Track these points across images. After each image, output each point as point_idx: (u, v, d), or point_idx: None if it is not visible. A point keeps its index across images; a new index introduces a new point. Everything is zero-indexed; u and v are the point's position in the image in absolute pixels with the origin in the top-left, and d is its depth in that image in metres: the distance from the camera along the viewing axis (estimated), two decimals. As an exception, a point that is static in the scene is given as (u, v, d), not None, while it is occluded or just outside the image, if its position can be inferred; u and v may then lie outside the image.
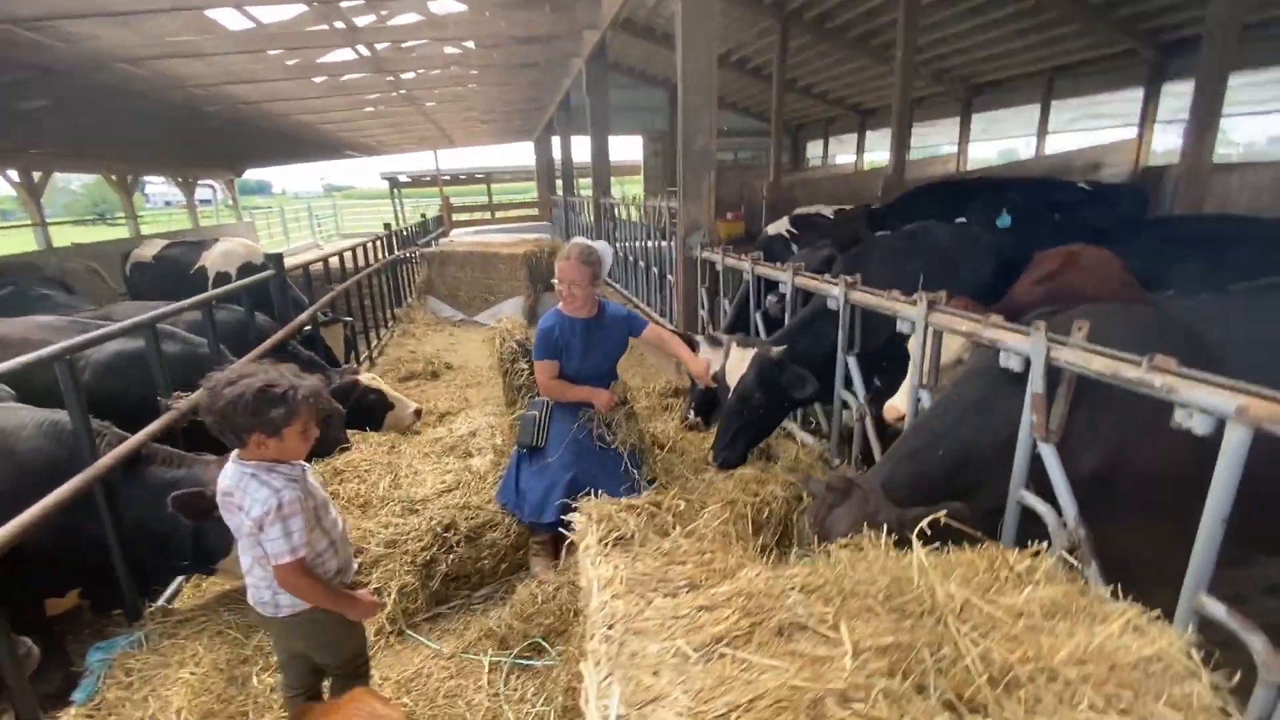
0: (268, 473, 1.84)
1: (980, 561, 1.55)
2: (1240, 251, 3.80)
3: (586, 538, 1.63)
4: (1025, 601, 1.28)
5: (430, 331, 9.22)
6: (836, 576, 1.33)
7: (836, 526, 2.17)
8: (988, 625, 1.20)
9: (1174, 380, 1.65)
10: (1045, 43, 12.89)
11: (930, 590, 1.27)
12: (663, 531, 1.66)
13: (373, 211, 32.61)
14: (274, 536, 1.80)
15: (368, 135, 18.14)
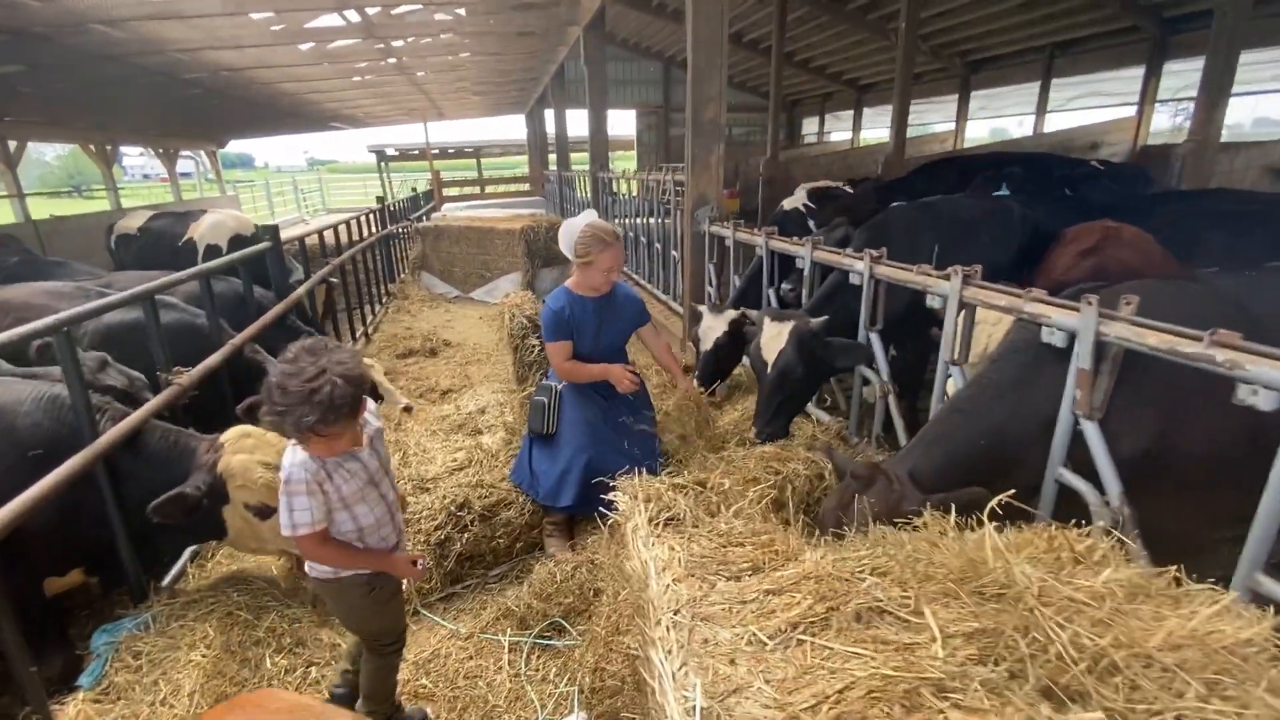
0: (293, 447, 1.81)
1: (1039, 541, 1.50)
2: (1256, 227, 3.76)
3: (634, 518, 1.55)
4: (1104, 583, 1.22)
5: (425, 308, 9.06)
6: (907, 558, 1.27)
7: (860, 516, 2.11)
8: (1071, 609, 1.15)
9: (1238, 355, 1.59)
10: (1047, 18, 12.71)
11: (1006, 572, 1.21)
12: (711, 512, 1.58)
13: (359, 186, 31.99)
14: (280, 508, 1.83)
15: (355, 106, 17.66)
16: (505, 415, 3.76)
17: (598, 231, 2.98)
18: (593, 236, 2.96)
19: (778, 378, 3.14)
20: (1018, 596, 1.15)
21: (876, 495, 2.15)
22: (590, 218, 3.03)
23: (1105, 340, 1.94)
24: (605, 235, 2.97)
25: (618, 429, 3.12)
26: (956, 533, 1.42)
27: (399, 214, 13.22)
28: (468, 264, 9.60)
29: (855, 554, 1.32)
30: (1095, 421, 2.03)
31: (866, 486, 2.18)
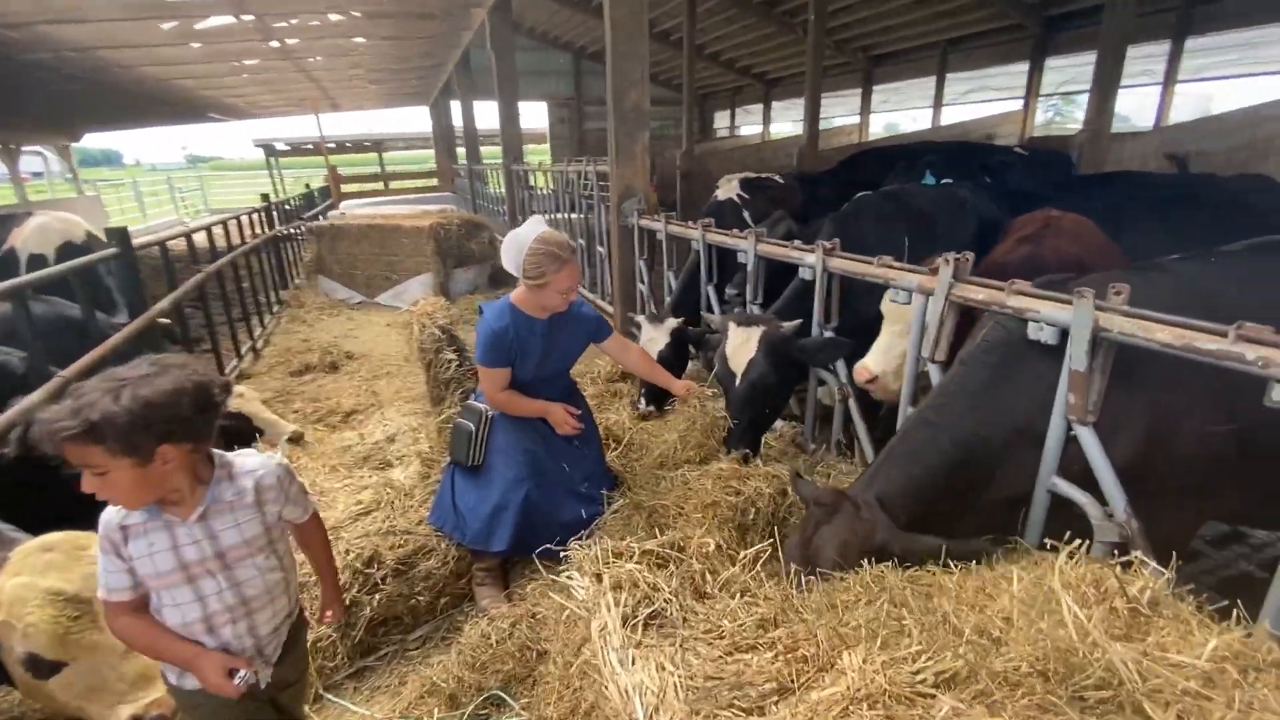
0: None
1: (1083, 586, 1.25)
2: (1174, 209, 3.84)
3: (601, 614, 1.16)
4: (1210, 659, 0.96)
5: (324, 316, 8.18)
6: (975, 654, 0.96)
7: (825, 550, 1.86)
8: (1193, 708, 0.87)
9: (1273, 352, 1.41)
10: (939, 15, 13.28)
11: (1099, 659, 0.92)
12: (699, 591, 1.23)
13: (246, 183, 29.35)
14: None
15: (236, 95, 16.01)
16: (420, 443, 3.25)
17: (551, 247, 2.47)
18: (545, 254, 2.46)
19: (749, 389, 2.85)
20: (1128, 699, 0.86)
21: (843, 527, 1.89)
22: (539, 228, 2.52)
23: (1105, 337, 1.75)
24: (560, 250, 2.47)
25: (560, 455, 2.71)
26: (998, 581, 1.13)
27: (292, 213, 12.04)
28: (371, 266, 8.77)
29: (907, 649, 1.01)
30: (1090, 426, 1.84)
31: (831, 516, 1.93)
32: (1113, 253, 3.03)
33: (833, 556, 1.85)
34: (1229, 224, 3.61)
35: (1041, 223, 3.00)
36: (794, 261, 3.01)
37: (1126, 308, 1.71)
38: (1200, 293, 2.02)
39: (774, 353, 2.81)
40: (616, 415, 3.55)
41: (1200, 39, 10.17)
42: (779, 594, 1.38)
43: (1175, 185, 4.65)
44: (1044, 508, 2.01)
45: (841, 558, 1.84)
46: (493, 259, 9.00)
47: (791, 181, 5.60)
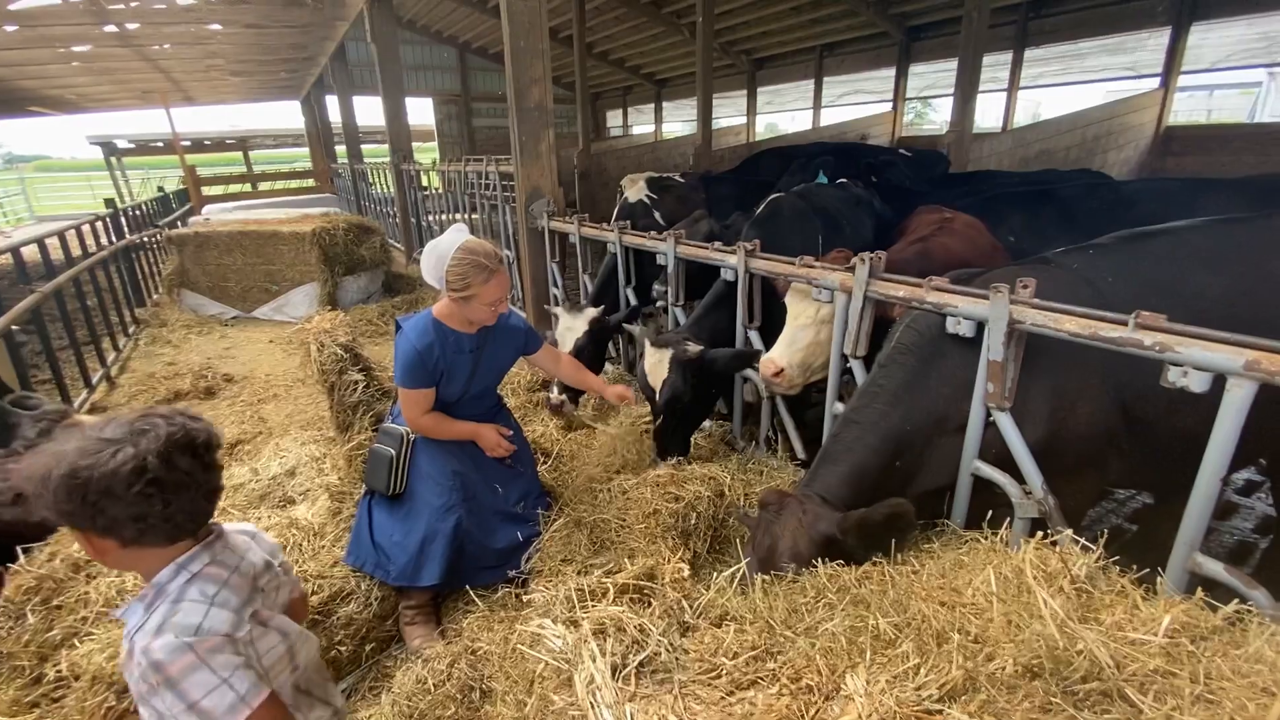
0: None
1: (1027, 568, 1.31)
2: (1041, 205, 4.26)
3: (585, 665, 1.06)
4: (1167, 634, 1.02)
5: (193, 335, 7.31)
6: (970, 662, 0.96)
7: (780, 548, 1.93)
8: (1167, 688, 0.92)
9: (1167, 338, 1.55)
10: (814, 21, 14.06)
11: (1084, 651, 0.96)
12: (683, 624, 1.16)
13: (81, 187, 25.88)
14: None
15: (63, 86, 13.99)
16: (326, 474, 2.95)
17: (477, 256, 2.24)
18: (471, 264, 2.23)
19: (668, 407, 2.88)
20: (1114, 688, 0.90)
21: (791, 522, 1.96)
22: (462, 237, 2.30)
23: (1019, 328, 1.87)
24: (487, 260, 2.25)
25: (491, 476, 2.54)
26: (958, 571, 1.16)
27: (144, 219, 10.70)
28: (246, 277, 7.95)
29: (904, 664, 1.00)
30: (1007, 412, 1.97)
31: (778, 514, 2.00)
32: (998, 253, 3.29)
33: (789, 549, 1.89)
34: (1079, 214, 4.08)
35: (935, 223, 3.21)
36: (716, 263, 3.02)
37: (1037, 300, 1.84)
38: (1084, 281, 2.22)
39: (684, 372, 2.85)
40: (543, 427, 3.42)
41: (1036, 50, 11.46)
42: (750, 609, 1.35)
43: (1034, 181, 5.17)
44: (968, 490, 2.12)
45: (795, 551, 1.89)
46: (385, 264, 8.45)
47: (695, 181, 5.67)
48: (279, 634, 1.24)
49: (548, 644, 1.13)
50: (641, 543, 2.29)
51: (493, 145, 21.16)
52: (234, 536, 1.28)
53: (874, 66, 14.61)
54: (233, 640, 1.10)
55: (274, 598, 1.32)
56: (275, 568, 1.33)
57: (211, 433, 1.16)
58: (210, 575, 1.15)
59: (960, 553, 1.64)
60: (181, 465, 1.08)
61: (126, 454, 1.04)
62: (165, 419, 1.11)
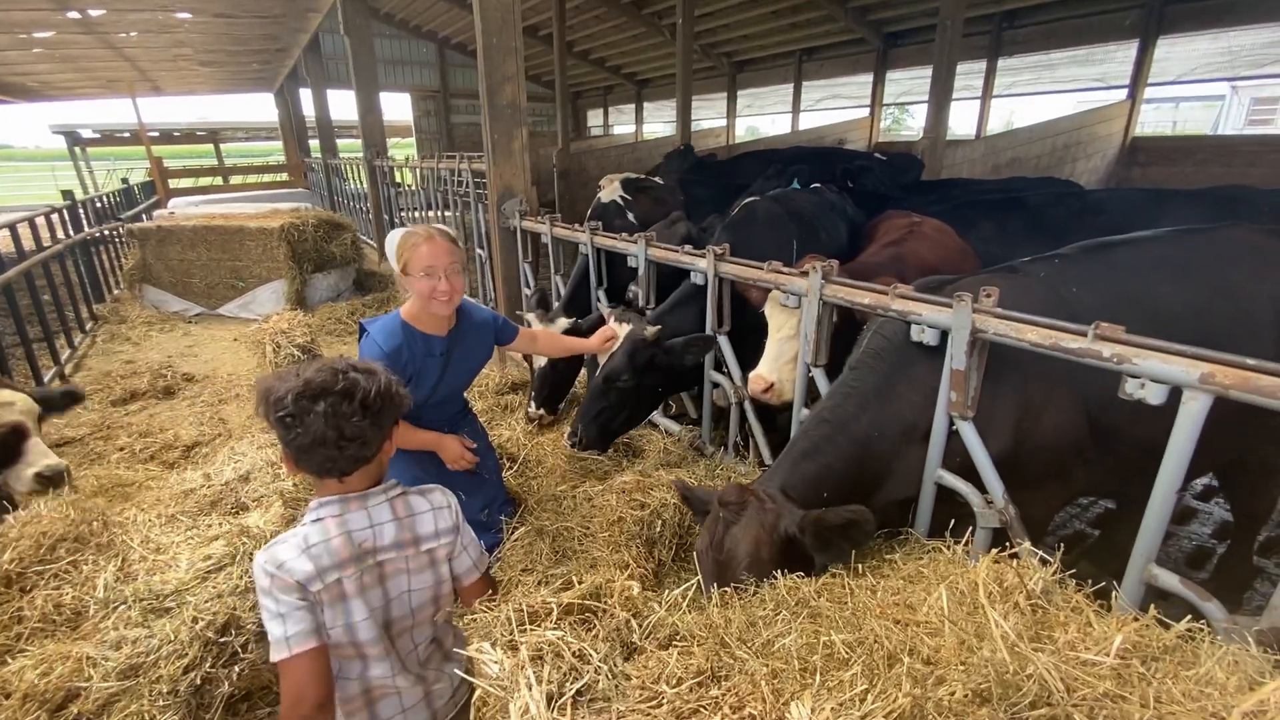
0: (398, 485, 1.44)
1: (988, 583, 1.29)
2: (1011, 212, 4.31)
3: (521, 693, 1.01)
4: (1117, 654, 1.00)
5: (153, 332, 7.10)
6: (919, 688, 0.93)
7: (738, 547, 1.89)
8: (1116, 713, 0.90)
9: (1125, 349, 1.55)
10: (794, 26, 14.16)
11: (1033, 674, 0.94)
12: (627, 645, 1.12)
13: (43, 177, 25.10)
14: (468, 540, 1.50)
15: (24, 73, 13.52)
16: (281, 479, 2.85)
17: (413, 230, 2.27)
18: (405, 235, 2.25)
19: (601, 382, 2.86)
20: (1062, 712, 0.88)
21: (752, 520, 1.91)
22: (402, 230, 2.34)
23: (981, 337, 1.86)
24: (421, 231, 2.25)
25: (455, 483, 2.45)
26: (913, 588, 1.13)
27: (105, 212, 10.36)
28: (211, 273, 7.74)
29: (851, 689, 0.96)
30: (969, 420, 1.96)
31: (739, 513, 1.94)
32: (967, 256, 3.31)
33: (748, 553, 1.85)
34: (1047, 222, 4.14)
35: (905, 228, 3.21)
36: (685, 266, 2.99)
37: (999, 309, 1.83)
38: (1050, 290, 2.23)
39: (634, 353, 2.82)
40: (510, 431, 3.35)
41: (1009, 60, 11.66)
42: (704, 626, 1.31)
43: (1003, 189, 5.24)
44: (931, 499, 2.12)
45: (755, 552, 1.85)
46: (356, 262, 8.30)
47: (672, 182, 5.64)
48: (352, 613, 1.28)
49: (485, 669, 1.08)
50: (605, 552, 2.24)
51: (471, 142, 20.95)
52: (397, 503, 1.37)
53: (852, 72, 14.74)
54: (303, 588, 1.22)
55: (403, 580, 1.36)
56: (419, 550, 1.38)
57: (363, 390, 1.28)
58: (321, 528, 1.27)
59: (920, 564, 1.62)
60: (315, 408, 1.22)
61: (281, 390, 1.24)
62: (339, 372, 1.27)
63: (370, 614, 1.30)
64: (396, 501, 1.38)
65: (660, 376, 2.94)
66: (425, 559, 1.40)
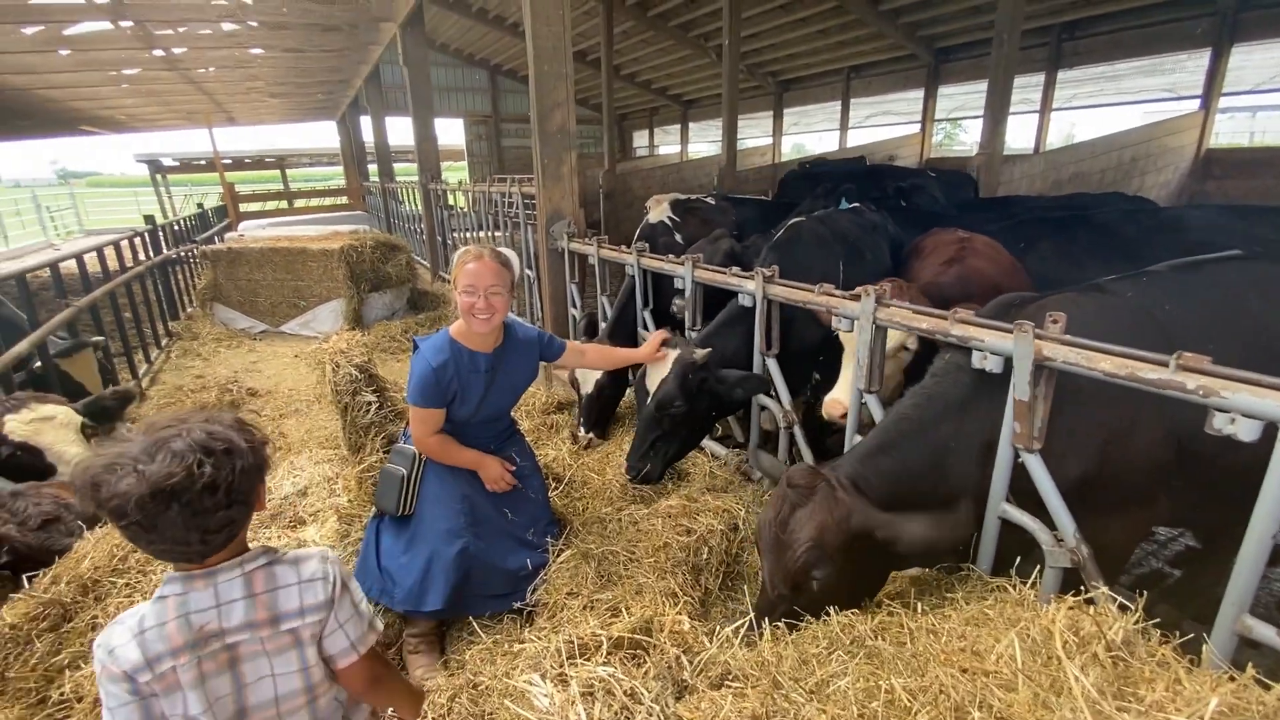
0: (274, 550, 1.27)
1: (1064, 632, 1.21)
2: (1077, 231, 4.12)
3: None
4: (1212, 718, 0.92)
5: (222, 349, 7.48)
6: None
7: (801, 530, 1.80)
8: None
9: (1212, 381, 1.45)
10: (843, 44, 14.06)
11: None
12: (679, 686, 1.09)
13: (128, 202, 26.96)
14: (346, 616, 1.28)
15: (113, 107, 14.62)
16: (337, 495, 2.94)
17: (467, 248, 2.35)
18: (460, 254, 2.34)
19: (654, 409, 2.82)
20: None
21: (820, 506, 1.83)
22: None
23: (1049, 366, 1.77)
24: (471, 250, 2.32)
25: (501, 500, 2.50)
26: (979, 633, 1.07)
27: (182, 235, 11.05)
28: (275, 292, 8.12)
29: None
30: (1036, 453, 1.86)
31: (807, 496, 1.86)
32: (1019, 271, 3.17)
33: (810, 538, 1.78)
34: (1116, 241, 3.93)
35: (957, 245, 3.11)
36: (733, 288, 2.96)
37: (1068, 337, 1.74)
38: (1140, 310, 2.10)
39: (684, 377, 2.78)
40: (555, 451, 3.37)
41: (1069, 71, 11.27)
42: (756, 664, 1.27)
43: (1066, 205, 5.02)
44: (995, 533, 2.01)
45: (818, 539, 1.78)
46: (411, 282, 8.56)
47: (723, 202, 5.63)
48: (189, 705, 1.15)
49: (535, 702, 1.07)
50: (650, 578, 2.21)
51: (520, 164, 21.52)
52: (256, 576, 1.21)
53: (902, 88, 14.53)
54: (130, 679, 1.10)
55: (263, 663, 1.22)
56: (278, 630, 1.22)
57: (226, 478, 1.12)
58: (159, 609, 1.15)
59: (985, 605, 1.54)
60: (168, 514, 1.07)
61: (117, 489, 1.06)
62: (168, 459, 1.08)
63: (213, 704, 1.17)
64: (256, 574, 1.21)
65: (712, 400, 2.90)
66: (288, 639, 1.23)
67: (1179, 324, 1.98)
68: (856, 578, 1.89)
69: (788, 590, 1.84)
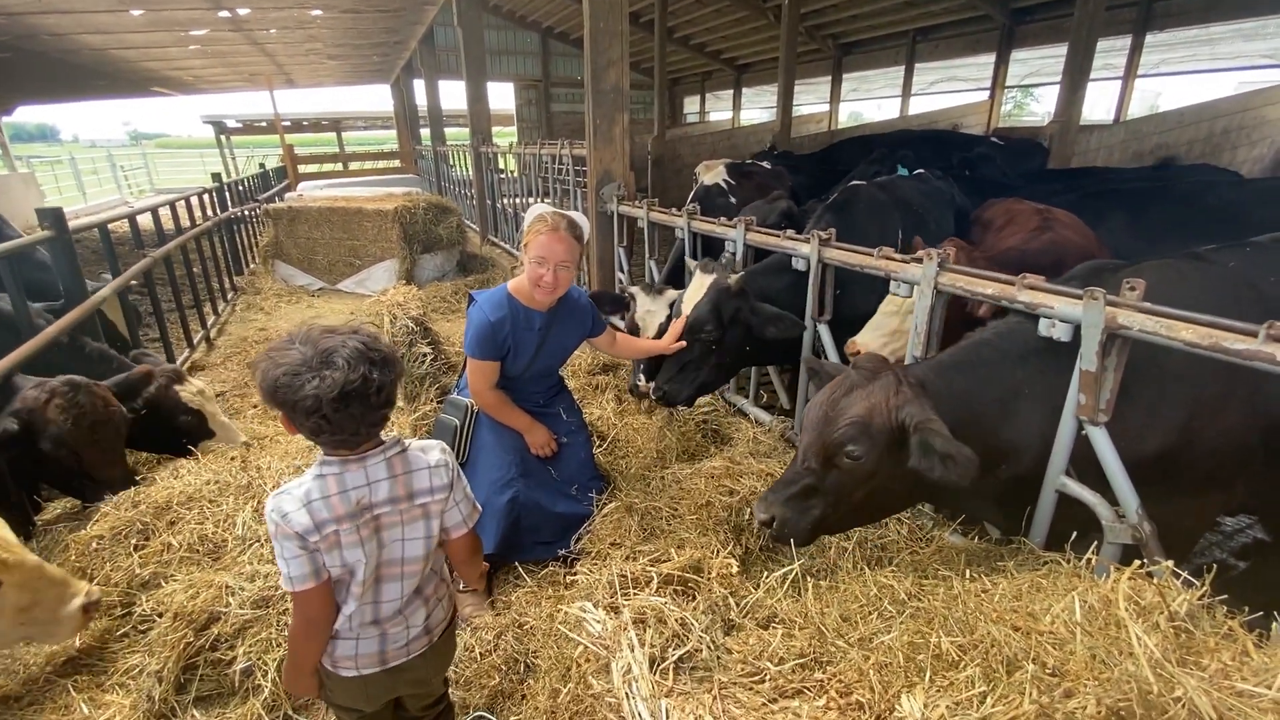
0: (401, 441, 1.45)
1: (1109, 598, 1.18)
2: (1150, 204, 3.87)
3: (623, 654, 1.04)
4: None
5: (282, 303, 7.79)
6: (1046, 697, 0.87)
7: (852, 406, 1.77)
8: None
9: (1308, 353, 1.36)
10: (909, 4, 13.32)
11: (1182, 699, 0.85)
12: (727, 623, 1.11)
13: (194, 162, 28.03)
14: (460, 497, 1.52)
15: (182, 69, 15.13)
16: (391, 441, 3.06)
17: (544, 214, 2.38)
18: (536, 218, 2.37)
19: (687, 331, 2.82)
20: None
21: (879, 390, 1.78)
22: (544, 208, 2.45)
23: (1123, 334, 1.69)
24: (550, 218, 2.35)
25: (548, 459, 2.57)
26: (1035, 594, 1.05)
27: (246, 194, 11.46)
28: (332, 251, 8.38)
29: (969, 691, 0.91)
30: (1103, 426, 1.79)
31: (870, 379, 1.82)
32: (1098, 244, 3.02)
33: (858, 415, 1.75)
34: (1198, 214, 3.66)
35: (1038, 215, 2.96)
36: (787, 251, 2.91)
37: (1147, 304, 1.65)
38: (1241, 281, 1.97)
39: (718, 303, 2.77)
40: (600, 410, 3.42)
41: (1158, 35, 10.43)
42: (800, 614, 1.28)
43: (1150, 179, 4.71)
44: (1051, 507, 1.96)
45: (866, 417, 1.74)
46: (461, 244, 8.70)
47: (779, 168, 5.49)
48: (348, 558, 1.39)
49: (588, 628, 1.11)
50: (692, 534, 2.24)
51: (569, 130, 21.37)
52: (395, 460, 1.41)
53: (971, 52, 13.74)
54: (302, 538, 1.32)
55: (398, 531, 1.45)
56: (413, 504, 1.45)
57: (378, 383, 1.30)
58: (322, 485, 1.35)
59: (1038, 575, 1.50)
60: (349, 410, 1.27)
61: (309, 390, 1.25)
62: (346, 366, 1.26)
63: (365, 559, 1.41)
64: (395, 459, 1.42)
65: (745, 334, 2.87)
66: (419, 511, 1.47)
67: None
68: (882, 481, 1.81)
69: (817, 464, 1.80)
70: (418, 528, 1.48)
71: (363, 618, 1.47)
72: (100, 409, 2.76)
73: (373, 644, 1.50)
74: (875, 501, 1.85)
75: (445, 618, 1.62)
